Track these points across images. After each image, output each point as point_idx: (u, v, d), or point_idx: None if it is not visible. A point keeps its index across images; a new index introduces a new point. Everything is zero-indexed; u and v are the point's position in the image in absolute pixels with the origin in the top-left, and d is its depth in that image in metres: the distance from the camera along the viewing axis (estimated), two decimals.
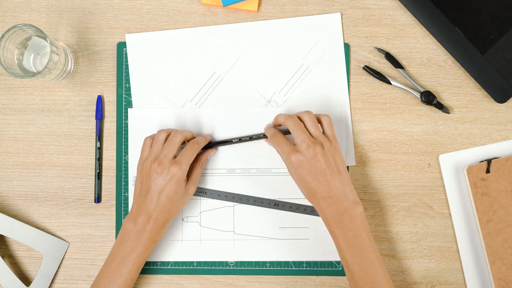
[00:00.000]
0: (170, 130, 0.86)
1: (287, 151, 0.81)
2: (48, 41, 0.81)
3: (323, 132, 0.83)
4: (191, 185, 0.85)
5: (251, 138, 0.88)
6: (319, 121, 0.84)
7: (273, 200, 0.90)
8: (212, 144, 0.88)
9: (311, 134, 0.82)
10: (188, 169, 0.83)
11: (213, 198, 0.90)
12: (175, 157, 0.83)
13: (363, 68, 0.90)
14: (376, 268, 0.79)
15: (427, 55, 0.91)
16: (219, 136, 0.90)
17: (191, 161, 0.83)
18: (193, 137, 0.87)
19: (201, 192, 0.90)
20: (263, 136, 0.88)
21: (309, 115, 0.83)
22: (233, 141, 0.88)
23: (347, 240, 0.80)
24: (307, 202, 0.89)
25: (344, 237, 0.80)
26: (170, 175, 0.81)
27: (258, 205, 0.90)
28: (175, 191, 0.81)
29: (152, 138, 0.85)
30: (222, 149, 0.90)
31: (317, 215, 0.89)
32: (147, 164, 0.82)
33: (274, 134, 0.85)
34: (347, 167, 0.90)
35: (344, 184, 0.81)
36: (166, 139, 0.84)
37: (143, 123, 0.90)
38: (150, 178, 0.81)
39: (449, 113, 0.90)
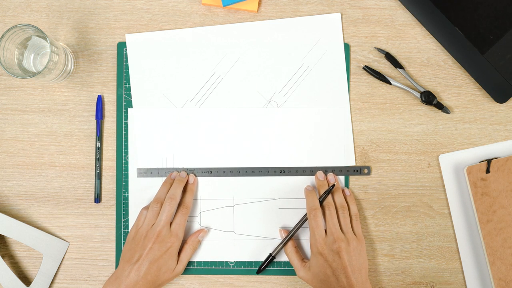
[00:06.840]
0: (162, 200, 0.86)
1: (318, 236, 0.83)
2: (48, 41, 0.81)
3: (352, 228, 0.86)
4: (180, 265, 0.86)
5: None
6: (350, 214, 0.87)
7: (279, 168, 0.90)
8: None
9: (341, 228, 0.85)
10: (183, 235, 0.86)
11: (218, 176, 0.89)
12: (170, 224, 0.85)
13: (363, 68, 0.90)
14: None
15: (427, 55, 0.91)
16: (219, 137, 0.90)
17: (184, 227, 0.86)
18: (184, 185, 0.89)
19: (206, 172, 0.89)
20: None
21: (343, 212, 0.86)
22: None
23: None
24: (311, 166, 0.88)
25: None
26: (167, 246, 0.83)
27: (263, 175, 0.89)
28: (166, 262, 0.83)
29: (148, 208, 0.86)
30: (222, 149, 0.90)
31: None
32: (143, 232, 0.84)
33: (315, 213, 0.85)
34: (347, 167, 0.90)
35: (363, 281, 0.82)
36: (160, 208, 0.86)
37: (143, 123, 0.90)
38: (144, 247, 0.82)
39: (449, 113, 0.90)
